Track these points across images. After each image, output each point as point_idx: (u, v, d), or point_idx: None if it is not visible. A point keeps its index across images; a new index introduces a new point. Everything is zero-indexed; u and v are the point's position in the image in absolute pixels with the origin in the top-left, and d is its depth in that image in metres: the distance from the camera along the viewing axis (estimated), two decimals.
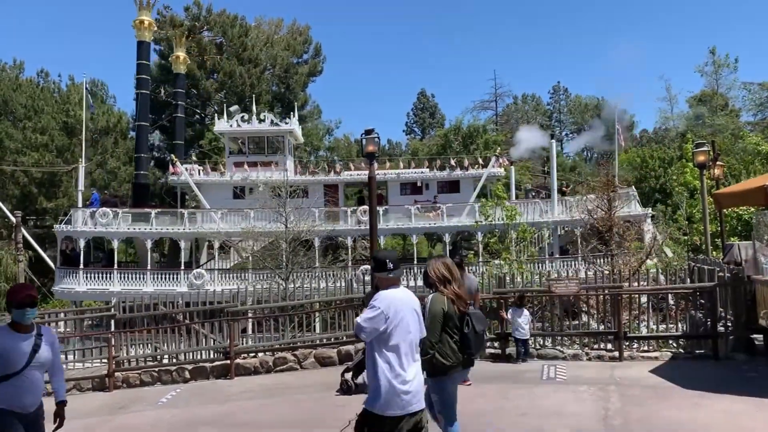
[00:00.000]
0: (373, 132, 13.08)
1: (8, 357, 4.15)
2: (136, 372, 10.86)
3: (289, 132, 34.70)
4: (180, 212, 31.79)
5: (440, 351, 4.90)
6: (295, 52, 54.98)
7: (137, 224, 30.38)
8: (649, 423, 6.45)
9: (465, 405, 7.46)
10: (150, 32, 36.42)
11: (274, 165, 33.85)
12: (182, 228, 30.51)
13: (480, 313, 5.31)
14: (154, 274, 29.72)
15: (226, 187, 33.88)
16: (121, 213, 30.70)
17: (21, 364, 4.17)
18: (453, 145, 48.42)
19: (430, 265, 5.14)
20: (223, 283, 28.70)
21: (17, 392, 4.16)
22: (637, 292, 10.81)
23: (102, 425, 8.06)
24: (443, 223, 29.66)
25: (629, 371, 8.96)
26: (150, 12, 36.21)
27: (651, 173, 39.17)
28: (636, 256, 17.84)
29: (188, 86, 49.94)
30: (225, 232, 30.68)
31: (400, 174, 34.23)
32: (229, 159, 34.65)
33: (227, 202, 32.70)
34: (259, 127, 34.26)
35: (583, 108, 75.15)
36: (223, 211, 31.19)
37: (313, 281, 21.19)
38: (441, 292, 4.99)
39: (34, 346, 4.25)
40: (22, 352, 4.20)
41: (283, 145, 34.54)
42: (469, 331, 4.97)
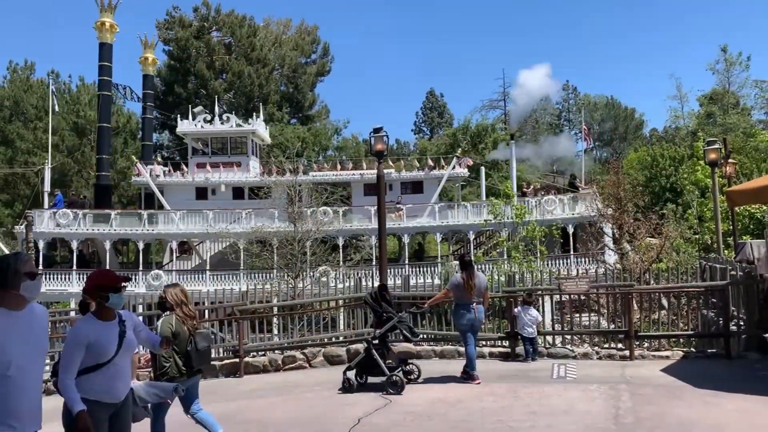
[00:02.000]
0: (381, 130, 13.06)
1: (100, 346, 4.02)
2: (145, 371, 10.88)
3: (251, 132, 34.72)
4: (139, 213, 31.89)
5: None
6: (304, 52, 55.13)
7: (98, 225, 30.45)
8: (661, 421, 6.39)
9: (475, 403, 7.45)
10: (112, 34, 36.30)
11: (236, 166, 33.87)
12: (141, 229, 30.58)
13: (206, 332, 6.20)
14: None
15: (189, 188, 34.04)
16: (81, 214, 30.80)
17: (112, 352, 4.06)
18: (461, 145, 48.27)
19: (167, 291, 5.95)
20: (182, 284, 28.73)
21: (109, 381, 4.05)
22: (648, 291, 10.72)
23: None
24: (404, 224, 29.55)
25: (640, 370, 8.89)
26: (112, 14, 36.12)
27: (661, 172, 38.86)
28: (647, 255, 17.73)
29: (197, 86, 50.21)
30: (182, 233, 30.75)
31: (363, 175, 34.12)
32: (192, 160, 34.78)
33: (190, 203, 32.89)
34: (222, 128, 34.32)
35: (593, 107, 74.78)
36: (182, 212, 31.25)
37: (320, 280, 21.22)
38: (175, 313, 5.80)
39: (120, 332, 4.14)
40: (111, 340, 4.08)
41: (246, 145, 34.46)
42: (191, 349, 5.73)
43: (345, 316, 11.81)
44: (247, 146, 34.64)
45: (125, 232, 30.94)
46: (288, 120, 51.13)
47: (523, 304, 10.02)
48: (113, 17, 36.04)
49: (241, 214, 30.72)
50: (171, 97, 50.70)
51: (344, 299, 11.89)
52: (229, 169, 33.84)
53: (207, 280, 29.28)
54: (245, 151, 34.57)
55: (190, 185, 33.97)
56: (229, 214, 30.85)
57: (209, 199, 33.48)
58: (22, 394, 3.29)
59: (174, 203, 32.63)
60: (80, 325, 4.20)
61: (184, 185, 33.95)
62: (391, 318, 8.48)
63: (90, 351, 3.98)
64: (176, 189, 33.87)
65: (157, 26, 51.06)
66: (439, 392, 8.04)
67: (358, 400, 7.85)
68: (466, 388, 8.24)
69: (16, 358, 3.25)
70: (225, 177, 33.48)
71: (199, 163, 34.27)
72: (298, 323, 12.13)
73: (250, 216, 30.55)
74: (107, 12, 35.73)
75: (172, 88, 50.29)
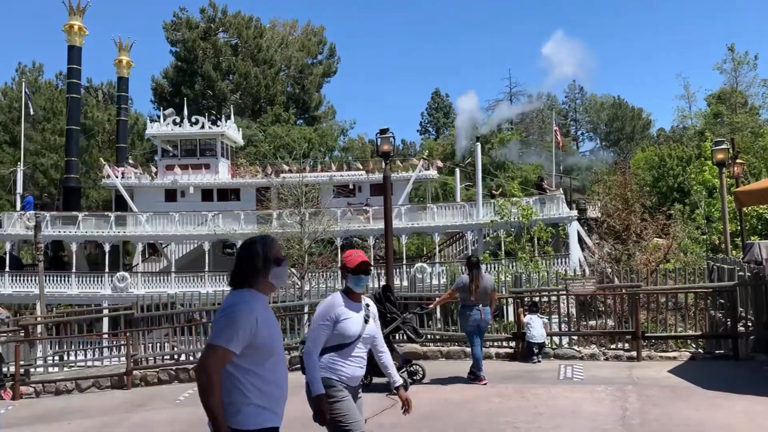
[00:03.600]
0: (387, 131, 13.06)
1: (346, 325, 3.93)
2: (154, 370, 10.96)
3: (220, 135, 34.78)
4: (106, 215, 32.07)
5: None
6: (310, 52, 55.19)
7: (66, 227, 30.59)
8: (668, 423, 6.37)
9: (481, 404, 7.45)
10: (81, 37, 36.40)
11: (205, 168, 34.00)
12: (108, 231, 30.75)
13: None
14: (79, 277, 29.88)
15: (158, 191, 34.09)
16: (48, 216, 30.95)
17: (356, 333, 3.96)
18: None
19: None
20: (147, 286, 29.06)
21: (346, 363, 3.98)
22: (656, 292, 10.69)
23: (121, 422, 8.15)
24: (371, 226, 29.56)
25: (647, 371, 8.86)
26: (81, 17, 36.24)
27: (669, 172, 38.72)
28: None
29: (204, 87, 50.37)
30: (149, 234, 30.90)
31: (332, 176, 34.12)
32: (161, 162, 34.89)
33: (160, 205, 32.98)
34: (190, 130, 34.38)
35: (599, 107, 74.52)
36: (148, 214, 31.41)
37: (328, 281, 21.27)
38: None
39: (364, 316, 4.06)
40: (357, 322, 3.99)
41: (215, 148, 34.60)
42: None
43: None
44: (216, 148, 34.68)
45: (91, 234, 31.13)
46: (294, 121, 51.18)
47: (530, 312, 10.05)
48: (82, 20, 36.21)
49: (207, 215, 30.97)
50: (178, 98, 50.86)
51: None
52: (197, 171, 33.92)
53: (172, 282, 29.51)
54: (214, 153, 34.66)
55: (159, 187, 34.02)
56: (196, 216, 31.12)
57: (178, 201, 33.58)
58: (285, 381, 3.22)
59: (144, 205, 32.80)
60: (327, 299, 4.09)
61: (153, 187, 34.03)
62: (395, 318, 8.50)
63: (335, 329, 3.90)
64: (146, 191, 34.02)
65: (164, 27, 51.28)
66: (446, 393, 8.05)
67: (366, 399, 7.86)
68: (472, 388, 8.24)
69: (278, 346, 3.16)
70: (194, 179, 33.63)
71: (168, 165, 34.33)
72: (306, 323, 12.16)
73: (216, 218, 30.81)
74: (76, 15, 35.89)
75: (179, 90, 50.46)
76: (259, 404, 3.01)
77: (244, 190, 34.06)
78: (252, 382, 3.00)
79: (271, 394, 3.05)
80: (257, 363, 3.01)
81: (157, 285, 29.11)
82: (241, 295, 3.02)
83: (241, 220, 30.59)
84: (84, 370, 12.03)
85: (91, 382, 10.83)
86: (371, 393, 8.15)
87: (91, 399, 10.09)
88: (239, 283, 3.05)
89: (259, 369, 3.01)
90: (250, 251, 3.09)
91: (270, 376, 3.05)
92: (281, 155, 36.26)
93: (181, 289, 27.77)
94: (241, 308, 2.95)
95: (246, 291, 3.04)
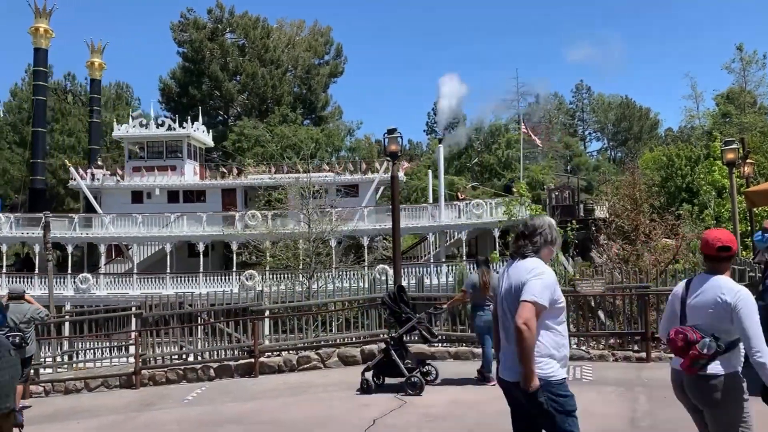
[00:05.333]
0: (395, 131, 13.04)
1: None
2: (162, 370, 10.98)
3: (186, 137, 34.95)
4: (70, 217, 32.36)
5: None
6: (317, 53, 55.24)
7: (30, 229, 30.79)
8: (679, 424, 6.31)
9: (490, 404, 7.41)
10: (47, 39, 36.62)
11: (171, 169, 34.18)
12: (71, 233, 31.03)
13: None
14: (41, 278, 30.00)
15: (125, 192, 34.41)
16: (12, 218, 31.22)
17: None
18: (474, 145, 48.19)
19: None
20: (109, 287, 29.23)
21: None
22: (665, 293, 10.61)
23: (129, 421, 8.18)
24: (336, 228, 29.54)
25: (657, 372, 8.79)
26: (48, 20, 36.39)
27: (677, 172, 38.50)
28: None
29: (211, 88, 50.51)
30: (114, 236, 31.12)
31: (298, 178, 34.21)
32: (128, 164, 35.17)
33: (127, 207, 33.31)
34: (156, 132, 34.60)
35: (607, 107, 74.23)
36: (112, 216, 31.59)
37: (336, 281, 21.30)
38: None
39: None
40: None
41: (181, 149, 34.73)
42: None
43: (359, 317, 11.81)
44: (183, 150, 34.85)
45: (53, 235, 31.36)
46: (301, 121, 51.23)
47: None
48: (48, 23, 36.37)
49: (170, 217, 31.26)
50: (185, 98, 51.06)
51: (358, 300, 11.90)
52: (163, 172, 34.19)
53: (134, 284, 29.86)
54: (180, 155, 34.80)
55: (126, 189, 34.31)
56: (159, 218, 31.42)
57: (144, 203, 33.85)
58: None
59: (112, 207, 33.12)
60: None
61: (120, 189, 34.31)
62: (410, 319, 8.48)
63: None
64: (114, 193, 34.34)
65: (172, 28, 51.46)
66: (455, 394, 8.03)
67: (373, 401, 7.86)
68: (481, 389, 8.21)
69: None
70: (160, 181, 33.88)
71: (134, 167, 34.61)
72: (312, 324, 12.16)
73: (180, 220, 31.15)
74: (42, 18, 36.08)
75: (186, 90, 50.63)
76: (561, 358, 3.56)
77: (209, 192, 34.37)
78: (553, 338, 3.52)
79: (565, 348, 3.61)
80: (557, 321, 3.53)
81: (119, 287, 29.51)
82: (540, 262, 3.55)
83: (203, 222, 30.91)
84: (93, 370, 12.07)
85: (99, 382, 10.86)
86: (381, 394, 8.15)
87: (99, 398, 10.12)
88: (532, 253, 3.57)
89: (560, 327, 3.55)
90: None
91: (564, 333, 3.61)
92: (288, 155, 36.30)
93: (143, 291, 28.39)
94: (549, 271, 3.50)
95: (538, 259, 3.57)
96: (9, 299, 8.98)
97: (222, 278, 29.68)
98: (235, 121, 50.62)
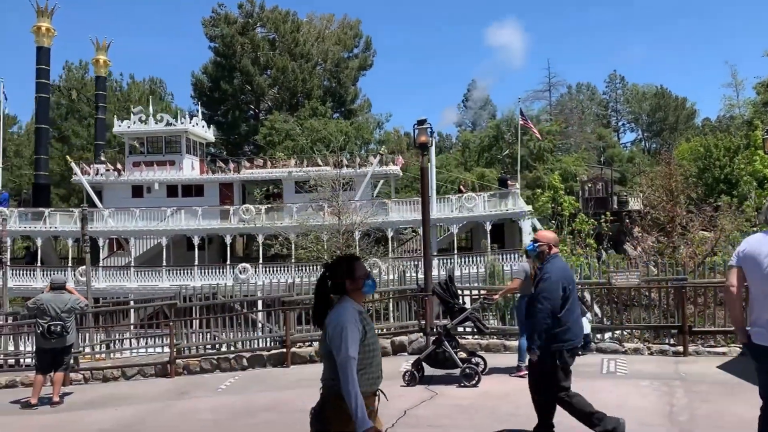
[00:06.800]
0: (425, 122, 12.94)
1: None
2: (196, 359, 11.17)
3: (184, 132, 35.25)
4: (71, 211, 33.11)
5: None
6: (346, 46, 55.29)
7: (33, 223, 31.58)
8: (718, 419, 6.17)
9: (523, 397, 7.33)
10: (49, 38, 37.17)
11: (170, 164, 34.61)
12: (71, 227, 31.72)
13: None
14: (43, 271, 30.86)
15: (126, 187, 34.95)
16: (17, 212, 32.00)
17: None
18: (505, 137, 47.68)
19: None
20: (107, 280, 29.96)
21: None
22: (703, 285, 10.37)
23: (166, 410, 8.34)
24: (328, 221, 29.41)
25: (695, 366, 8.60)
26: (50, 19, 36.93)
27: (715, 163, 37.43)
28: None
29: (242, 82, 51.01)
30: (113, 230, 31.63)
31: (291, 172, 34.23)
32: (129, 159, 35.70)
33: (127, 202, 33.89)
34: (155, 127, 35.01)
35: (641, 97, 72.61)
36: (111, 210, 32.12)
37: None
38: None
39: None
40: None
41: (180, 144, 35.12)
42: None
43: (391, 309, 11.82)
44: (181, 145, 35.24)
45: (54, 229, 32.21)
46: (331, 114, 51.40)
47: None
48: (50, 22, 36.96)
49: (167, 211, 31.88)
50: (217, 93, 51.67)
51: (389, 292, 11.91)
52: (162, 167, 34.69)
53: (132, 277, 30.60)
54: (178, 149, 35.23)
55: (126, 184, 34.91)
56: (157, 212, 32.04)
57: (144, 197, 34.42)
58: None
59: (113, 201, 33.75)
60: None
61: (121, 184, 34.94)
62: (463, 309, 8.43)
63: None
64: (115, 188, 34.97)
65: (203, 23, 52.09)
66: (487, 385, 7.97)
67: (404, 392, 7.85)
68: (513, 381, 8.14)
69: None
70: (159, 175, 34.43)
71: (135, 162, 35.15)
72: None
73: (177, 214, 31.72)
74: (44, 17, 36.70)
75: (218, 85, 51.23)
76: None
77: (207, 186, 34.87)
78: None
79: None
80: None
81: (117, 279, 30.21)
82: None
83: (199, 216, 31.52)
84: (129, 358, 12.35)
85: (136, 370, 11.11)
86: (422, 386, 8.12)
87: (136, 386, 10.35)
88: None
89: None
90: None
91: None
92: (318, 149, 36.45)
93: (140, 283, 29.50)
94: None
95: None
96: (51, 289, 9.25)
97: (217, 271, 30.24)
98: (266, 115, 51.03)
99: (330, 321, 3.50)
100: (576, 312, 5.45)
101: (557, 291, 5.29)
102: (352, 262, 3.61)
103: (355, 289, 3.53)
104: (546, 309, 5.23)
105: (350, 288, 3.53)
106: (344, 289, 3.52)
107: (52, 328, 8.82)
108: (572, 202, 23.68)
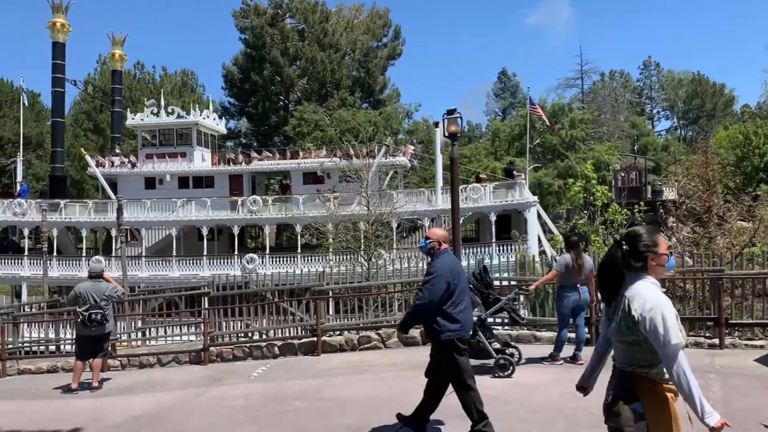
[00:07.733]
0: (455, 112, 12.88)
1: None
2: (229, 347, 11.39)
3: (195, 124, 35.60)
4: (85, 203, 34.03)
5: None
6: (375, 35, 55.09)
7: (49, 214, 32.02)
8: (756, 413, 6.05)
9: (554, 388, 7.31)
10: (64, 33, 37.72)
11: (181, 156, 35.04)
12: (86, 217, 32.64)
13: None
14: (59, 260, 31.75)
15: (139, 179, 35.49)
16: (33, 203, 32.82)
17: None
18: (536, 126, 47.00)
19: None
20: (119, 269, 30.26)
21: None
22: (741, 277, 10.13)
23: (200, 396, 8.53)
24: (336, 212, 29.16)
25: (731, 359, 8.44)
26: (65, 14, 37.44)
27: (755, 151, 36.40)
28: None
29: (272, 73, 51.31)
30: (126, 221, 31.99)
31: (300, 163, 34.21)
32: (142, 151, 36.24)
33: (140, 193, 34.42)
34: (167, 120, 35.47)
35: (677, 84, 70.81)
36: (123, 201, 32.61)
37: (396, 262, 21.42)
38: None
39: None
40: None
41: (191, 136, 35.50)
42: None
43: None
44: (192, 137, 35.66)
45: (69, 220, 32.92)
46: (360, 105, 51.38)
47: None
48: (65, 17, 37.51)
49: (177, 203, 32.49)
50: (247, 84, 52.11)
51: (419, 282, 11.91)
52: (174, 159, 35.17)
53: (143, 266, 31.32)
54: (190, 141, 35.65)
55: (139, 175, 35.50)
56: (168, 203, 32.66)
57: (157, 189, 34.97)
58: None
59: (127, 193, 34.14)
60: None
61: (135, 176, 35.54)
62: (498, 300, 8.42)
63: None
64: (129, 179, 35.55)
65: (233, 15, 52.48)
66: (517, 376, 7.94)
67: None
68: (545, 372, 8.11)
69: None
70: (170, 167, 34.91)
71: (147, 154, 35.74)
72: (373, 304, 12.30)
73: (188, 205, 32.32)
74: (59, 13, 37.25)
75: (248, 76, 51.65)
76: None
77: (218, 178, 35.34)
78: None
79: None
80: None
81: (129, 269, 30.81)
82: None
83: (208, 207, 32.02)
84: (164, 346, 12.65)
85: (171, 358, 11.38)
86: None
87: (171, 373, 10.60)
88: None
89: None
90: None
91: None
92: (347, 139, 36.50)
93: (150, 273, 30.29)
94: None
95: None
96: (89, 278, 9.52)
97: (225, 261, 30.72)
98: (296, 106, 51.28)
99: (635, 299, 3.12)
100: (463, 304, 5.68)
101: (440, 285, 5.50)
102: (655, 234, 3.28)
103: (659, 264, 3.21)
104: (425, 300, 5.50)
105: (654, 263, 3.21)
106: (645, 264, 3.20)
107: (92, 316, 9.09)
108: (605, 191, 23.24)
